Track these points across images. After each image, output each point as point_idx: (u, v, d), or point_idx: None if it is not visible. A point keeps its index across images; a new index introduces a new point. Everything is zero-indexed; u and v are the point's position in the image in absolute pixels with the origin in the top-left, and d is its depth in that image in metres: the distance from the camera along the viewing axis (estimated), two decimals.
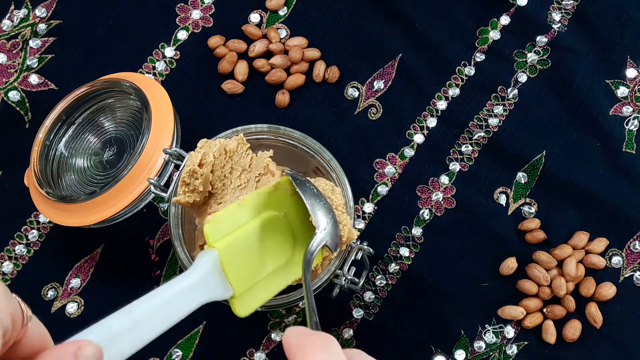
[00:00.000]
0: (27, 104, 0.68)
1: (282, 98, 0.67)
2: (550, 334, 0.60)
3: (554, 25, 0.69)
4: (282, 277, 0.49)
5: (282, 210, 0.49)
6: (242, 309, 0.46)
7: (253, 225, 0.47)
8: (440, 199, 0.64)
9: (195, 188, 0.52)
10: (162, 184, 0.56)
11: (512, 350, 0.60)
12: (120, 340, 0.36)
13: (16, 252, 0.63)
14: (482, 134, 0.66)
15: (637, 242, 0.63)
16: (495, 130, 0.66)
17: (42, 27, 0.70)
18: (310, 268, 0.47)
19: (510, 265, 0.62)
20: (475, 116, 0.67)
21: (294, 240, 0.50)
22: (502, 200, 0.64)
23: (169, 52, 0.69)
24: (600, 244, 0.62)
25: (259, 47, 0.69)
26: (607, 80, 0.68)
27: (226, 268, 0.44)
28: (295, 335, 0.38)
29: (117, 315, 0.37)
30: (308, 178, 0.51)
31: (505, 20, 0.70)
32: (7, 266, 0.63)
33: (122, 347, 0.36)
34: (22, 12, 0.70)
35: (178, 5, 0.71)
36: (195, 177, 0.52)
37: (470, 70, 0.68)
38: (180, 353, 0.61)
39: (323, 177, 0.57)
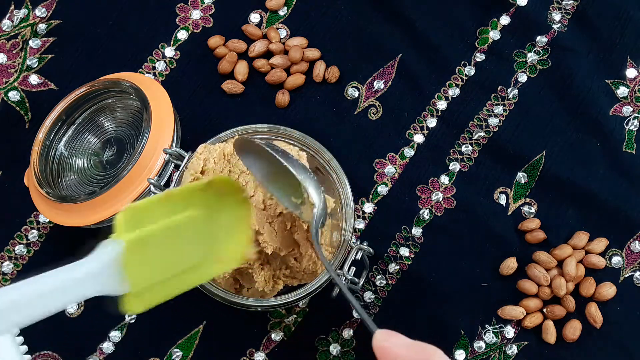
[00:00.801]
0: (27, 104, 0.68)
1: (282, 98, 0.67)
2: (550, 334, 0.60)
3: (554, 25, 0.69)
4: (190, 278, 0.47)
5: (209, 209, 0.47)
6: (136, 305, 0.43)
7: (171, 223, 0.44)
8: (440, 199, 0.64)
9: None
10: (162, 184, 0.56)
11: (512, 350, 0.60)
12: None
13: (16, 252, 0.63)
14: (482, 134, 0.66)
15: (637, 242, 0.63)
16: (495, 130, 0.66)
17: (42, 27, 0.70)
18: (324, 256, 0.46)
19: (510, 265, 0.62)
20: (475, 116, 0.67)
21: (212, 242, 0.47)
22: (502, 200, 0.64)
23: (169, 52, 0.69)
24: (600, 244, 0.62)
25: (259, 47, 0.69)
26: (607, 80, 0.68)
27: (128, 264, 0.41)
28: (395, 345, 0.36)
29: None
30: (283, 148, 0.49)
31: (505, 20, 0.70)
32: (7, 266, 0.63)
33: None
34: (22, 12, 0.70)
35: (178, 5, 0.71)
36: None
37: (470, 70, 0.68)
38: (180, 353, 0.61)
39: (323, 177, 0.57)
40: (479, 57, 0.69)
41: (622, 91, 0.67)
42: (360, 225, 0.64)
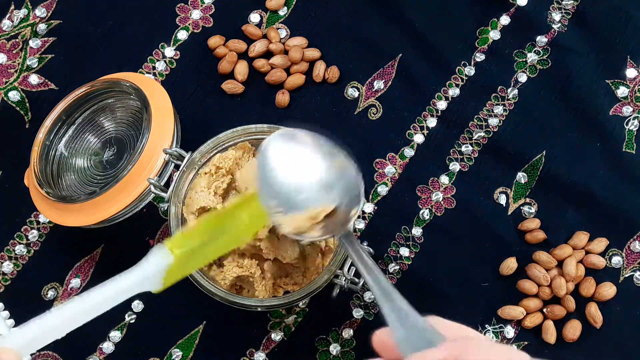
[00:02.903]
0: (27, 104, 0.68)
1: (282, 98, 0.67)
2: (550, 334, 0.60)
3: (554, 25, 0.69)
4: (211, 251, 0.50)
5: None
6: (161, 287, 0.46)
7: (216, 233, 0.48)
8: (440, 199, 0.64)
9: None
10: (162, 184, 0.56)
11: None
12: (46, 337, 0.41)
13: (16, 252, 0.63)
14: (482, 134, 0.66)
15: (637, 242, 0.63)
16: (495, 130, 0.66)
17: (42, 27, 0.70)
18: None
19: (510, 265, 0.62)
20: (475, 116, 0.67)
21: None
22: (502, 200, 0.64)
23: (169, 52, 0.69)
24: (600, 244, 0.62)
25: (259, 47, 0.69)
26: (607, 80, 0.68)
27: (170, 270, 0.44)
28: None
29: (51, 316, 0.41)
30: None
31: (505, 20, 0.70)
32: (7, 266, 0.63)
33: (48, 339, 0.41)
34: (22, 12, 0.70)
35: (178, 5, 0.71)
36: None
37: (470, 70, 0.68)
38: (180, 353, 0.61)
39: None
40: (479, 57, 0.69)
41: (622, 91, 0.67)
42: (360, 225, 0.64)
